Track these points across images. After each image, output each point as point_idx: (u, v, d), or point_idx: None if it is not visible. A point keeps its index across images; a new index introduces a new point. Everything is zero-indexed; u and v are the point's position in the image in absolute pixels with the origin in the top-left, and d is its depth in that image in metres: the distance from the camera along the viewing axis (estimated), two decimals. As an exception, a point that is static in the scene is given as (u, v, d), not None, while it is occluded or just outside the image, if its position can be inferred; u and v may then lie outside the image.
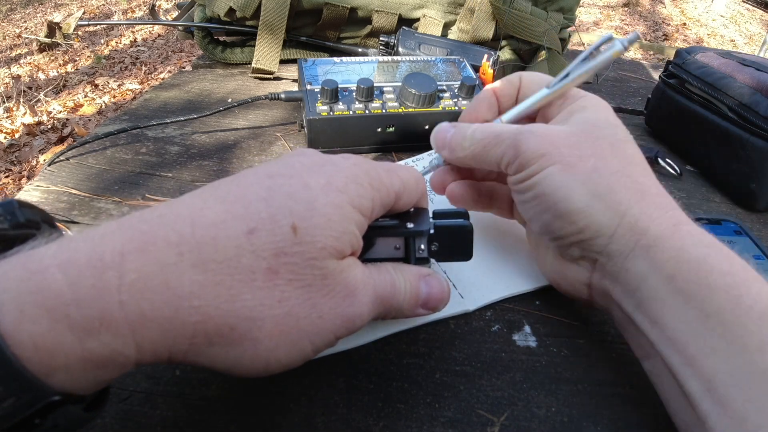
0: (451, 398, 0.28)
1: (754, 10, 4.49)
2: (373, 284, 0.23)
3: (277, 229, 0.20)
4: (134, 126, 0.48)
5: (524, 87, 0.33)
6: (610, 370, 0.30)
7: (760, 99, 0.45)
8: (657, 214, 0.27)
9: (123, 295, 0.17)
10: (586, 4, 4.23)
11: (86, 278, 0.17)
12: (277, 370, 0.21)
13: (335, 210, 0.21)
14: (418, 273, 0.26)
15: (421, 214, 0.27)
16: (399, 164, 0.26)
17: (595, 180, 0.27)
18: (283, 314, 0.20)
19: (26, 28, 3.56)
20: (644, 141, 0.58)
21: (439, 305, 0.27)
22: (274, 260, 0.20)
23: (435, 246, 0.27)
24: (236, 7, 0.59)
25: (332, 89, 0.45)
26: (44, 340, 0.16)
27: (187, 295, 0.18)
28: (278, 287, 0.20)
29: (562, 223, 0.28)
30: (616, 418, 0.28)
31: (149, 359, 0.18)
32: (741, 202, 0.48)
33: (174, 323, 0.18)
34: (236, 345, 0.19)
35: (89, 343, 0.17)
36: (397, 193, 0.25)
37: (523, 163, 0.28)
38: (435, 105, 0.48)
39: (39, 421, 0.16)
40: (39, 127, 2.13)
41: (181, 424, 0.25)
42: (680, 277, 0.25)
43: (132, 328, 0.17)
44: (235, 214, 0.20)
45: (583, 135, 0.29)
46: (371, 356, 0.30)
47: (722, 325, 0.23)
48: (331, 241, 0.21)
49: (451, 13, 0.64)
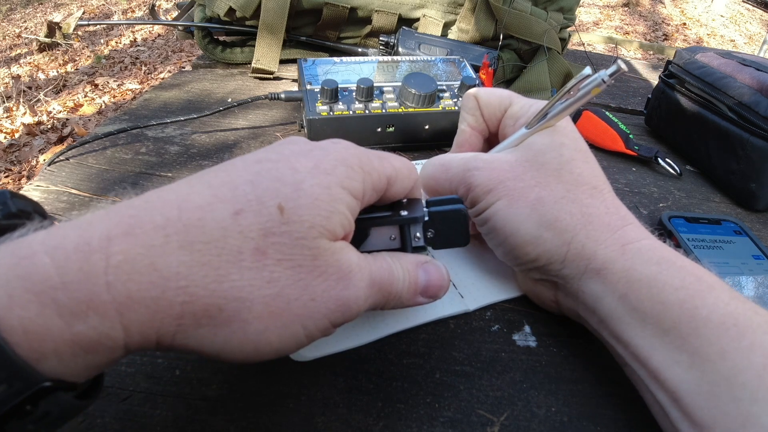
0: (451, 398, 0.28)
1: (754, 10, 4.49)
2: (369, 269, 0.23)
3: (264, 210, 0.19)
4: (134, 126, 0.48)
5: (482, 106, 0.34)
6: (610, 370, 0.30)
7: (760, 99, 0.45)
8: (604, 237, 0.27)
9: (110, 276, 0.17)
10: (586, 4, 4.23)
11: (73, 262, 0.17)
12: (269, 355, 0.21)
13: (323, 191, 0.21)
14: (416, 261, 0.26)
15: (414, 203, 0.27)
16: (391, 153, 0.26)
17: (539, 210, 0.28)
18: (273, 295, 0.19)
19: (26, 28, 3.56)
20: (644, 141, 0.58)
21: (439, 292, 0.26)
22: (261, 240, 0.19)
23: (431, 233, 0.27)
24: (236, 7, 0.59)
25: (332, 89, 0.45)
26: (33, 324, 0.16)
27: (173, 276, 0.18)
28: (267, 267, 0.19)
29: (517, 253, 0.29)
30: (616, 418, 0.28)
31: (137, 342, 0.18)
32: (741, 202, 0.48)
33: (161, 304, 0.18)
34: (225, 326, 0.19)
35: (77, 327, 0.17)
36: (389, 178, 0.24)
37: (474, 198, 0.30)
38: (435, 105, 0.48)
39: (30, 408, 0.16)
40: (39, 127, 2.13)
41: (181, 424, 0.25)
42: (633, 296, 0.25)
43: (119, 310, 0.17)
44: (222, 197, 0.20)
45: (527, 164, 0.29)
46: (371, 356, 0.30)
47: (680, 338, 0.24)
48: (320, 220, 0.20)
49: (451, 13, 0.64)
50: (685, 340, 0.23)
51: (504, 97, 0.33)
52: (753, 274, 0.37)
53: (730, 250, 0.39)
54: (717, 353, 0.23)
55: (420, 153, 0.48)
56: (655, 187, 0.50)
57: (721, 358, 0.22)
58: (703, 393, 0.23)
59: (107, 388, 0.26)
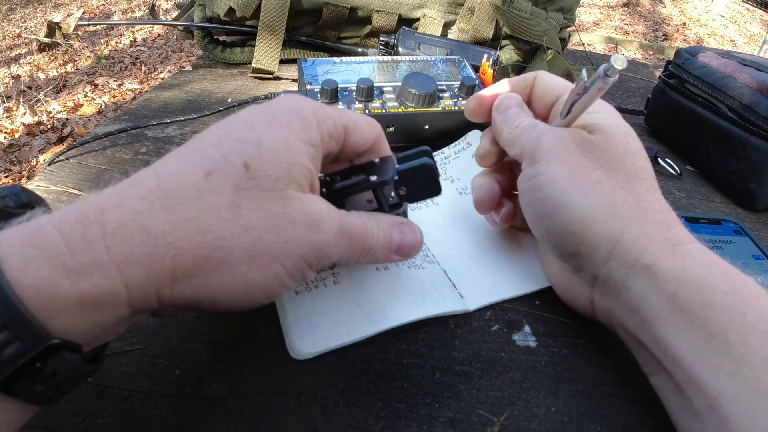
0: (451, 398, 0.28)
1: (754, 10, 4.49)
2: (340, 219, 0.25)
3: (231, 168, 0.22)
4: (134, 126, 0.48)
5: (537, 87, 0.34)
6: (610, 370, 0.30)
7: (760, 99, 0.45)
8: (657, 234, 0.27)
9: (107, 241, 0.19)
10: (586, 4, 4.23)
11: (76, 232, 0.19)
12: (259, 296, 0.23)
13: (282, 145, 0.23)
14: (392, 221, 0.28)
15: (386, 162, 0.28)
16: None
17: (599, 190, 0.27)
18: (251, 241, 0.22)
19: (26, 28, 3.56)
20: (644, 141, 0.58)
21: (411, 252, 0.28)
22: (234, 195, 0.21)
23: (403, 190, 0.28)
24: (236, 6, 0.59)
25: (332, 89, 0.45)
26: (45, 284, 0.18)
27: (161, 234, 0.20)
28: (243, 217, 0.21)
29: (562, 231, 0.28)
30: (616, 418, 0.28)
31: (139, 300, 0.20)
32: (741, 202, 0.48)
33: (154, 259, 0.20)
34: (213, 273, 0.21)
35: (83, 285, 0.19)
36: (346, 127, 0.26)
37: (535, 157, 0.29)
38: (435, 105, 0.48)
39: (40, 366, 0.18)
40: (39, 127, 2.13)
41: (181, 424, 0.25)
42: (682, 297, 0.25)
43: (119, 269, 0.19)
44: (192, 162, 0.22)
45: (596, 143, 0.28)
46: (371, 356, 0.30)
47: (727, 344, 0.23)
48: (283, 172, 0.22)
49: (451, 13, 0.64)
50: (731, 346, 0.23)
51: (560, 85, 0.33)
52: (753, 275, 0.37)
53: (730, 250, 0.39)
54: (762, 362, 0.22)
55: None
56: (655, 187, 0.50)
57: (764, 368, 0.22)
58: (744, 402, 0.22)
59: (108, 388, 0.27)
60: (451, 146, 0.45)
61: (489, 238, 0.37)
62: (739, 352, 0.23)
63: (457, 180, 0.43)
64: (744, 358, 0.23)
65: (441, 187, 0.29)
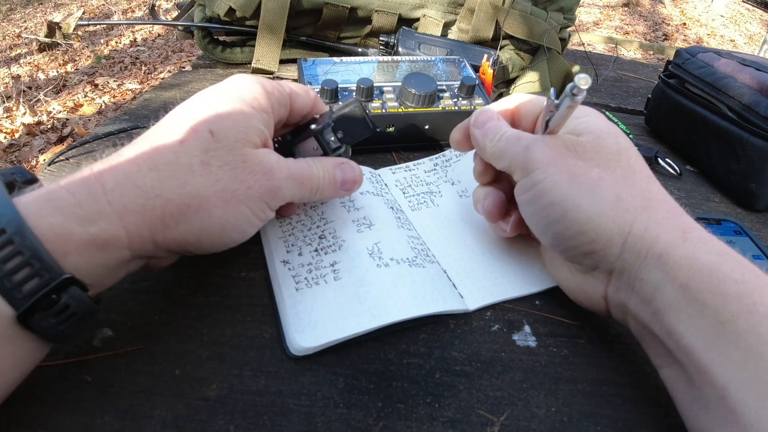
0: (451, 398, 0.28)
1: (754, 10, 4.49)
2: (288, 166, 0.30)
3: (199, 135, 0.27)
4: (134, 126, 0.48)
5: (519, 105, 0.34)
6: (610, 370, 0.30)
7: (760, 99, 0.45)
8: (666, 222, 0.27)
9: (108, 196, 0.25)
10: (586, 4, 4.23)
11: (82, 190, 0.24)
12: (235, 235, 0.29)
13: (238, 113, 0.29)
14: (334, 162, 0.33)
15: (323, 116, 0.34)
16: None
17: (601, 188, 0.27)
18: (221, 190, 0.27)
19: (26, 28, 3.56)
20: (644, 141, 0.58)
21: (354, 186, 0.34)
22: (204, 155, 0.27)
23: (340, 134, 0.33)
24: (236, 6, 0.59)
25: (332, 89, 0.45)
26: (60, 229, 0.23)
27: (150, 189, 0.25)
28: (212, 173, 0.27)
29: (573, 233, 0.28)
30: (616, 418, 0.28)
31: (138, 242, 0.25)
32: (741, 202, 0.48)
33: (147, 208, 0.25)
34: (195, 217, 0.27)
35: (91, 229, 0.24)
36: (290, 95, 0.32)
37: (529, 167, 0.29)
38: (435, 105, 0.48)
39: (55, 298, 0.22)
40: (39, 127, 2.13)
41: (181, 424, 0.25)
42: (693, 285, 0.25)
43: (120, 217, 0.25)
44: (167, 135, 0.27)
45: (587, 145, 0.29)
46: (371, 356, 0.30)
47: (736, 333, 0.23)
48: (241, 134, 0.28)
49: (451, 13, 0.64)
50: (740, 336, 0.23)
51: (538, 101, 0.34)
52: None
53: (730, 250, 0.39)
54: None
55: (420, 153, 0.48)
56: (655, 187, 0.49)
57: None
58: (753, 393, 0.22)
59: (108, 388, 0.27)
60: (452, 149, 0.45)
61: (489, 239, 0.38)
62: (748, 342, 0.23)
63: (458, 183, 0.43)
64: (753, 347, 0.23)
65: (371, 126, 0.34)
